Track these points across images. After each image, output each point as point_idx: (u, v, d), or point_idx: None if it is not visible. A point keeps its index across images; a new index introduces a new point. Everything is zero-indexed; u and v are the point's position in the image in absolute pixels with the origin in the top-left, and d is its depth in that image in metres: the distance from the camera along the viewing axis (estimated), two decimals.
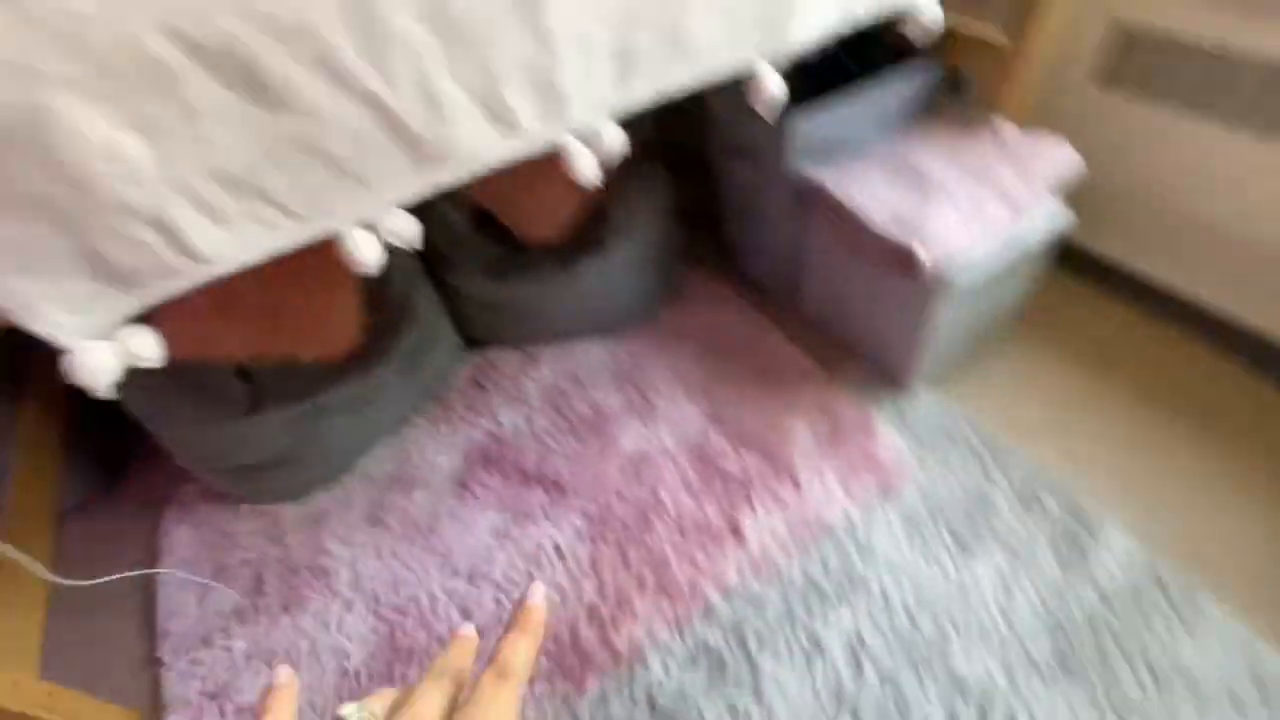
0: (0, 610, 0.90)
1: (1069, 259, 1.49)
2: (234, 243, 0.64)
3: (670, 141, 1.73)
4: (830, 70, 1.37)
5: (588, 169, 0.78)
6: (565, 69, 0.71)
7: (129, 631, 1.19)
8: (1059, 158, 1.21)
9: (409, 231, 0.72)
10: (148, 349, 0.66)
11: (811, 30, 0.84)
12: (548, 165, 1.54)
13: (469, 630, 0.34)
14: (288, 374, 1.29)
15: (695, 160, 1.85)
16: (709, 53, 0.80)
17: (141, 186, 0.57)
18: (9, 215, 0.54)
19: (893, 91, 1.28)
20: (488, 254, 1.49)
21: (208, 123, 0.58)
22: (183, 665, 1.12)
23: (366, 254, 0.70)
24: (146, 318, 0.69)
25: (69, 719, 0.92)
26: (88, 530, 1.37)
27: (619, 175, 1.50)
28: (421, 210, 1.56)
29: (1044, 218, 1.18)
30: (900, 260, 1.10)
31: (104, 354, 0.62)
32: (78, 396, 1.35)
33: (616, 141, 0.79)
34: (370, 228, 0.71)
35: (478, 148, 0.71)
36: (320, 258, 1.43)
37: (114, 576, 0.98)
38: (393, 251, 1.46)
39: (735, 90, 1.36)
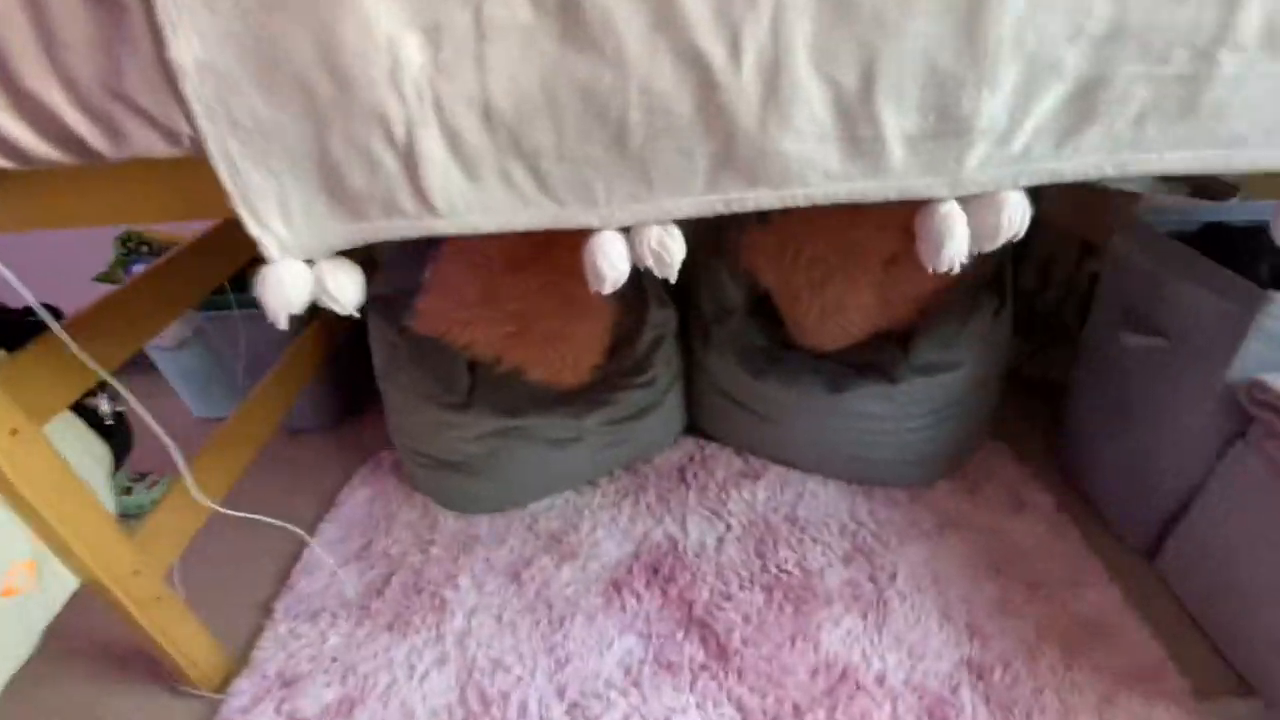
0: (166, 509, 0.89)
1: None
2: (472, 200, 0.50)
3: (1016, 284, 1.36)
4: None
5: (953, 250, 0.51)
6: (987, 94, 0.46)
7: (270, 569, 1.18)
8: None
9: (673, 254, 0.52)
10: (345, 290, 0.55)
11: None
12: (862, 261, 1.30)
13: None
14: (508, 385, 1.22)
15: (1041, 319, 1.44)
16: (1240, 133, 0.47)
17: (403, 100, 0.47)
18: (269, 89, 0.46)
19: None
20: (751, 341, 1.28)
21: (498, 42, 0.45)
22: (283, 629, 1.05)
23: (612, 266, 0.52)
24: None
25: (158, 629, 0.87)
26: (299, 455, 1.46)
27: (942, 295, 1.18)
28: (696, 270, 1.43)
29: None
30: None
31: (299, 277, 0.53)
32: (347, 335, 1.50)
33: (1015, 219, 0.50)
34: (630, 236, 0.53)
35: (806, 169, 0.49)
36: (588, 290, 1.38)
37: (260, 517, 0.94)
38: (644, 283, 1.34)
39: (1157, 227, 0.93)
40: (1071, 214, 1.38)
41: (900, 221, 1.28)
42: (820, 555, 1.10)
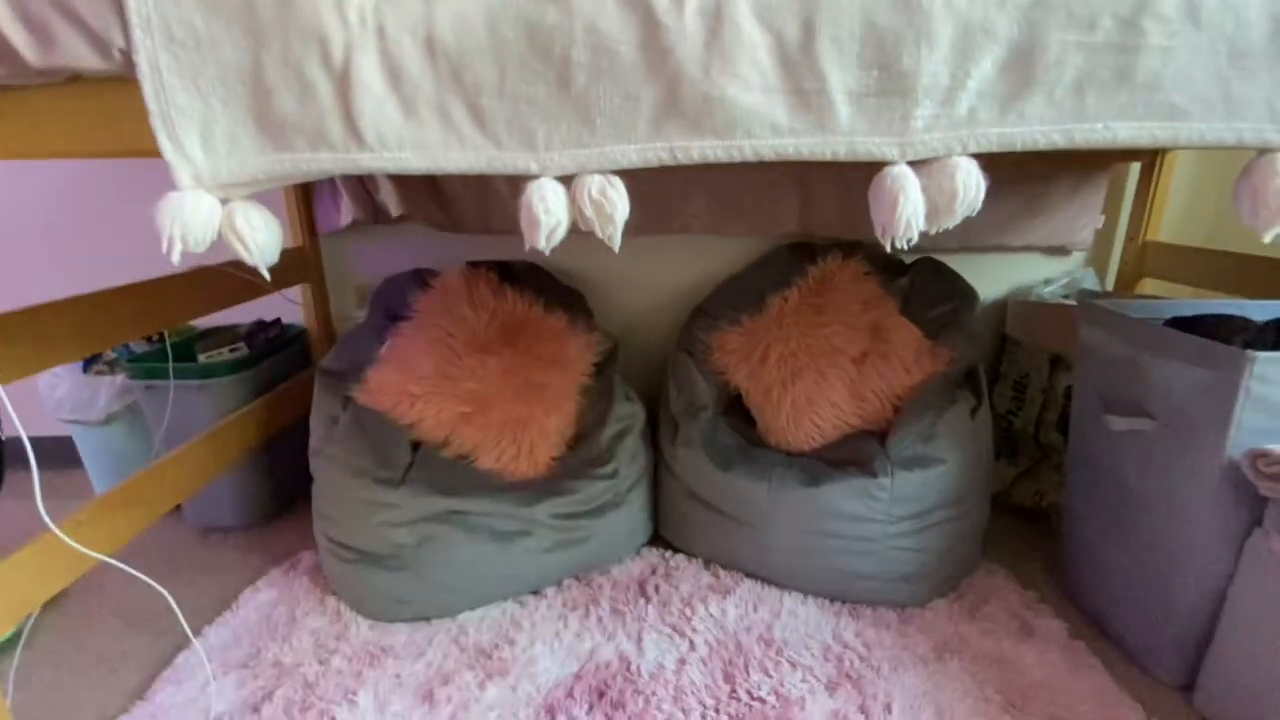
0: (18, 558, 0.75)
1: None
2: (404, 135, 0.48)
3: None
4: None
5: (908, 210, 0.48)
6: (926, 51, 0.46)
7: (133, 678, 0.96)
8: None
9: (615, 206, 0.48)
10: (256, 231, 0.50)
11: None
12: (833, 357, 1.27)
13: None
14: (453, 470, 1.11)
15: (1024, 441, 1.38)
16: (1179, 106, 0.48)
17: (345, 23, 0.47)
18: (210, 2, 0.45)
19: None
20: (722, 441, 1.21)
21: None
22: None
23: (548, 211, 0.48)
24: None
25: None
26: (207, 555, 1.28)
27: (917, 390, 1.13)
28: (666, 370, 1.39)
29: None
30: None
31: (206, 209, 0.48)
32: (285, 425, 1.39)
33: (970, 183, 0.49)
34: (571, 187, 0.50)
35: (753, 121, 0.48)
36: (556, 376, 1.33)
37: (126, 568, 0.78)
38: (612, 377, 1.28)
39: (1130, 311, 0.90)
40: (1039, 329, 1.40)
41: (868, 323, 1.29)
42: (800, 681, 0.92)
